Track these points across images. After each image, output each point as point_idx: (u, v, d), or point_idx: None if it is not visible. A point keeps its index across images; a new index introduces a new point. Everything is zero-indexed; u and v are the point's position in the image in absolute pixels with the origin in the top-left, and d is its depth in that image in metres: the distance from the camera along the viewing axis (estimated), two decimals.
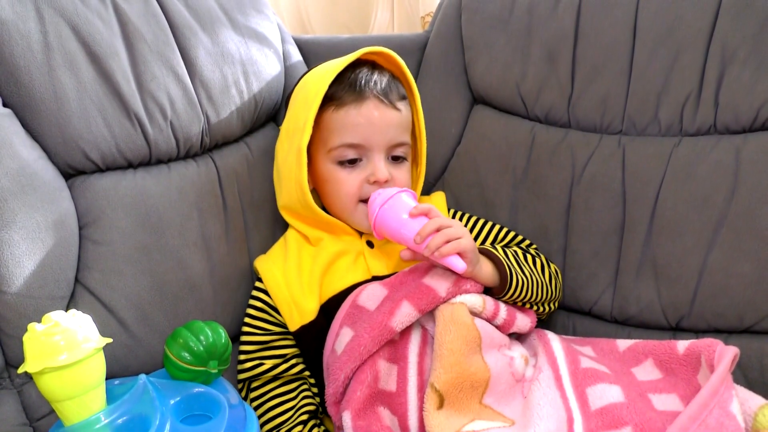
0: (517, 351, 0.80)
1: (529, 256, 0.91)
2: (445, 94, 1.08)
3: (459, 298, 0.78)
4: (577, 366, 0.77)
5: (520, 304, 0.86)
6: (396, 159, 0.90)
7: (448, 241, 0.76)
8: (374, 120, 0.87)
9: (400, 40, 1.15)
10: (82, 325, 0.62)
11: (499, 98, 1.04)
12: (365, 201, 0.88)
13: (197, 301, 0.85)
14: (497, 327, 0.80)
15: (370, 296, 0.81)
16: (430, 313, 0.78)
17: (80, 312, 0.63)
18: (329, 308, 0.84)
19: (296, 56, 1.08)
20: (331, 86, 0.87)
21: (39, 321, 0.61)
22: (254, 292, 0.90)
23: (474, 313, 0.78)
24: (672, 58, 0.91)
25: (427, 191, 1.05)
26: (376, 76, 0.89)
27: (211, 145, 0.92)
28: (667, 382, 0.75)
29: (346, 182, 0.88)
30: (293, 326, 0.85)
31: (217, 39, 0.92)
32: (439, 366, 0.72)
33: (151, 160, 0.85)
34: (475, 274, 0.79)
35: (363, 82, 0.88)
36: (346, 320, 0.80)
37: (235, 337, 0.90)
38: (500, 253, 0.84)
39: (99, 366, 0.62)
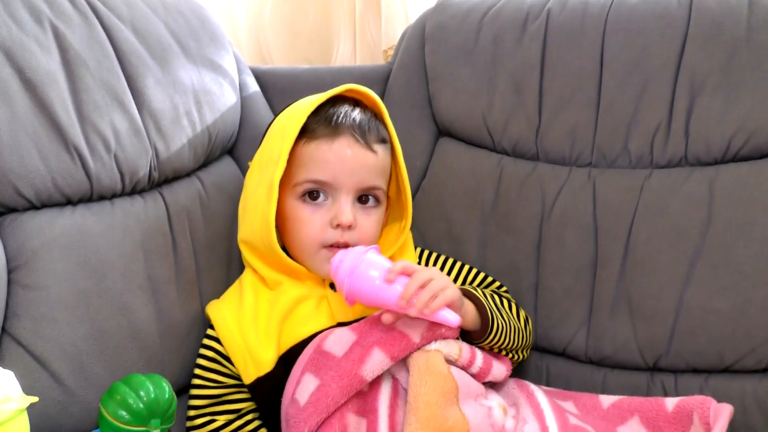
0: (495, 400, 0.75)
1: (504, 301, 0.87)
2: (408, 127, 1.05)
3: (434, 345, 0.73)
4: (566, 421, 0.73)
5: (496, 350, 0.81)
6: (365, 203, 0.84)
7: (434, 296, 0.70)
8: (346, 158, 0.81)
9: (362, 71, 1.12)
10: (2, 383, 0.55)
11: (465, 130, 1.01)
12: (328, 247, 0.82)
13: (142, 350, 0.78)
14: (473, 375, 0.75)
15: (337, 341, 0.75)
16: (401, 361, 0.73)
17: (0, 368, 0.56)
18: (290, 358, 0.77)
19: (254, 87, 1.04)
20: (309, 120, 0.81)
21: None
22: (205, 341, 0.83)
23: (449, 361, 0.73)
24: (640, 88, 0.89)
25: None
26: (356, 114, 0.83)
27: (161, 179, 0.86)
28: None
29: (308, 222, 0.81)
30: (248, 378, 0.78)
31: (168, 67, 0.87)
32: (415, 421, 0.66)
33: (92, 196, 0.79)
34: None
35: (341, 116, 0.82)
36: (309, 366, 0.74)
37: (185, 389, 0.83)
38: (480, 295, 0.80)
39: (21, 429, 0.55)
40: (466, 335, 0.78)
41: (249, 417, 0.80)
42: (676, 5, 0.89)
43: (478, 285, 0.91)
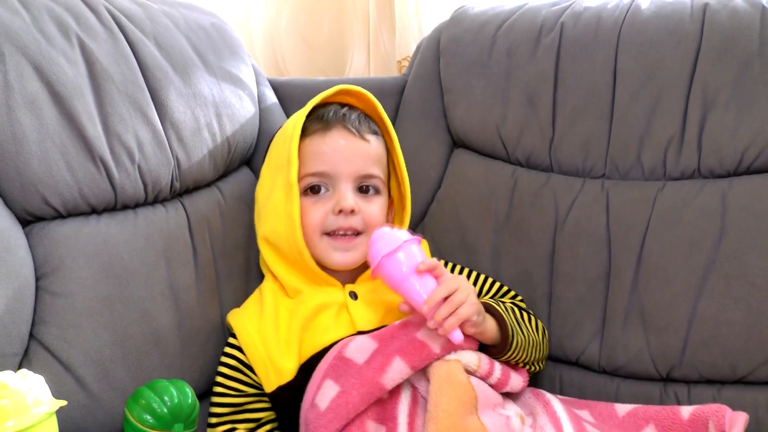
0: (512, 410, 0.76)
1: (525, 314, 0.88)
2: (424, 138, 1.06)
3: (454, 355, 0.74)
4: (582, 429, 0.73)
5: (513, 362, 0.82)
6: (366, 192, 0.87)
7: (451, 313, 0.72)
8: (340, 148, 0.84)
9: (378, 82, 1.13)
10: (33, 387, 0.56)
11: (479, 142, 1.02)
12: (329, 234, 0.84)
13: (163, 356, 0.80)
14: (491, 386, 0.76)
15: (359, 349, 0.76)
16: (421, 370, 0.74)
17: (31, 372, 0.58)
18: (310, 367, 0.78)
19: (272, 98, 1.06)
20: (304, 123, 0.85)
21: None
22: (227, 349, 0.84)
23: (468, 371, 0.74)
24: (653, 101, 0.90)
25: None
26: (345, 110, 0.88)
27: (182, 189, 0.88)
28: None
29: (309, 212, 0.84)
30: (270, 387, 0.80)
31: (190, 80, 0.89)
32: (435, 430, 0.67)
33: (116, 206, 0.81)
34: (478, 333, 0.76)
35: (331, 113, 0.87)
36: (330, 372, 0.75)
37: (204, 394, 0.84)
38: (502, 311, 0.81)
39: None
40: (485, 349, 0.79)
41: (268, 427, 0.81)
42: (688, 20, 0.90)
43: (494, 295, 0.92)
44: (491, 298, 0.91)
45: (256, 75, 1.04)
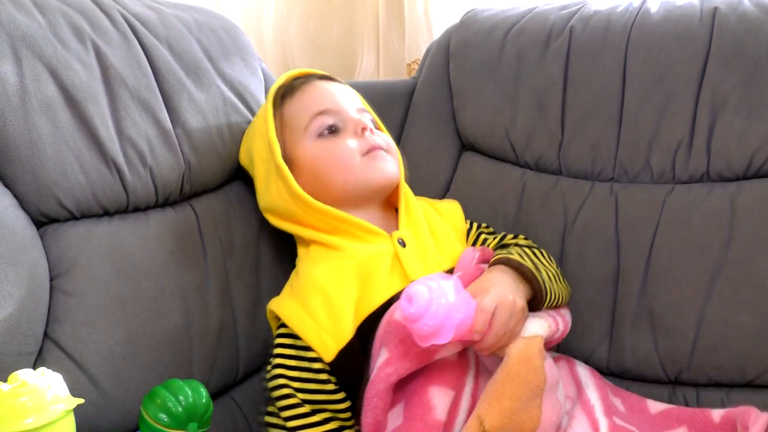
0: (562, 393, 0.75)
1: (538, 252, 0.85)
2: (433, 141, 1.07)
3: (531, 327, 0.72)
4: (613, 424, 0.74)
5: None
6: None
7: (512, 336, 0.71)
8: (329, 89, 0.88)
9: (387, 86, 1.14)
10: (52, 385, 0.57)
11: (488, 145, 1.03)
12: (366, 154, 0.83)
13: (173, 355, 0.81)
14: (560, 338, 0.77)
15: None
16: None
17: (49, 370, 0.59)
18: (367, 328, 0.75)
19: None
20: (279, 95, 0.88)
21: (4, 380, 0.57)
22: (279, 339, 0.79)
23: (546, 340, 0.73)
24: (662, 105, 0.90)
25: None
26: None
27: (191, 192, 0.89)
28: None
29: (338, 144, 0.83)
30: (329, 355, 0.75)
31: (201, 85, 0.90)
32: (497, 406, 0.66)
33: (128, 208, 0.82)
34: None
35: (300, 78, 0.90)
36: (385, 339, 0.73)
37: (216, 394, 0.85)
38: (531, 267, 0.78)
39: (68, 429, 0.58)
40: None
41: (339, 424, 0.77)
42: (698, 23, 0.90)
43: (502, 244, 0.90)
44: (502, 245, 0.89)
45: (265, 78, 1.05)
